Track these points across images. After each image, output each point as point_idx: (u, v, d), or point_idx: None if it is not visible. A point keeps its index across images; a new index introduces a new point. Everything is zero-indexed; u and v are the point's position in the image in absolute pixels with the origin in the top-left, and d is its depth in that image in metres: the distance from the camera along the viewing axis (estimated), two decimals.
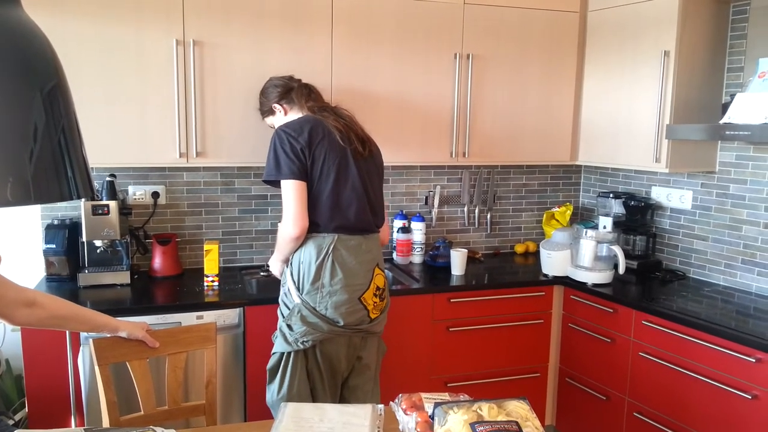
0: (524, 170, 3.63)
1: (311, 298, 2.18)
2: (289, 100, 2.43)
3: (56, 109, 0.97)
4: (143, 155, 2.61)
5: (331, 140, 2.21)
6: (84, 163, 1.04)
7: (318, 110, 2.34)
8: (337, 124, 2.25)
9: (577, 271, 2.96)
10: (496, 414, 1.35)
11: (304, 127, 2.20)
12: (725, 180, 2.91)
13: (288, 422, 1.53)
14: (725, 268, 2.94)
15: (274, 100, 2.45)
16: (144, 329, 1.97)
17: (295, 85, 2.46)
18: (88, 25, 2.47)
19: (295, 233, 2.16)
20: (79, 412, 2.43)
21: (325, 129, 2.22)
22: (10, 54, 0.92)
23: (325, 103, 2.44)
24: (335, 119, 2.28)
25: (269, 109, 2.48)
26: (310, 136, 2.18)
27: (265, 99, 2.50)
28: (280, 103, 2.44)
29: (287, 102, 2.43)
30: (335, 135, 2.22)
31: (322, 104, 2.41)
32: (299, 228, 2.16)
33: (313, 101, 2.41)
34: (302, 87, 2.46)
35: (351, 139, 2.26)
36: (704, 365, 2.38)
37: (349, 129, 2.28)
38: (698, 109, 2.86)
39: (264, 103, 2.52)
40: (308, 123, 2.22)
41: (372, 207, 2.32)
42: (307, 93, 2.43)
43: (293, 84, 2.47)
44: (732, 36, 2.87)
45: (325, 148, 2.19)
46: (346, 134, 2.25)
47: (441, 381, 2.92)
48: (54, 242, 2.70)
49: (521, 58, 3.12)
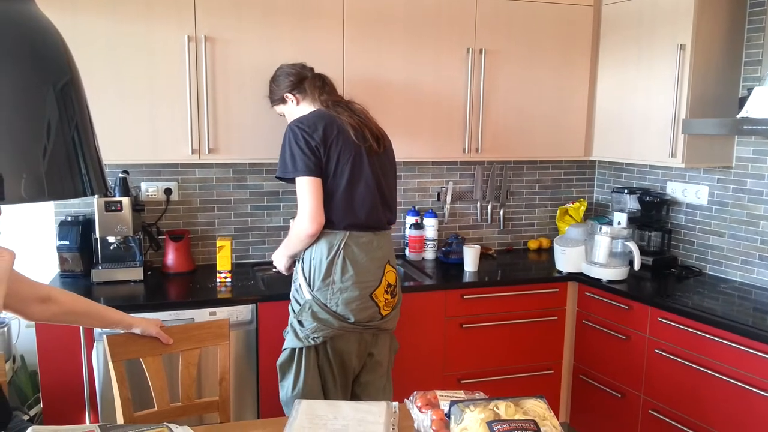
0: (537, 166, 3.60)
1: (322, 294, 2.17)
2: (302, 90, 2.37)
3: (69, 106, 0.97)
4: (155, 152, 2.61)
5: (346, 137, 2.18)
6: (97, 159, 1.03)
7: (332, 105, 2.29)
8: (351, 121, 2.22)
9: (591, 267, 2.93)
10: (514, 413, 1.33)
11: (318, 123, 2.17)
12: (742, 175, 2.87)
13: (302, 419, 1.52)
14: (742, 264, 2.90)
15: (287, 89, 2.39)
16: (157, 326, 1.97)
17: (309, 75, 2.41)
18: (99, 22, 2.47)
19: (311, 230, 2.14)
20: (93, 408, 2.44)
21: (340, 125, 2.19)
22: (24, 49, 0.91)
23: (338, 97, 2.39)
24: (349, 115, 2.24)
25: (281, 97, 2.42)
26: (324, 133, 2.15)
27: (277, 87, 2.44)
28: (293, 92, 2.39)
29: (300, 92, 2.38)
30: (349, 132, 2.19)
31: (336, 98, 2.36)
32: (316, 225, 2.14)
33: (327, 94, 2.35)
34: (316, 78, 2.40)
35: (365, 136, 2.23)
36: (721, 362, 2.35)
37: (363, 125, 2.25)
38: (715, 103, 2.82)
39: (275, 91, 2.45)
40: (322, 119, 2.19)
41: (385, 204, 2.30)
42: (320, 85, 2.37)
43: (306, 73, 2.42)
44: (749, 29, 2.82)
45: (340, 146, 2.16)
46: (360, 131, 2.22)
47: (454, 378, 2.90)
48: (67, 239, 2.71)
49: (534, 53, 3.09)
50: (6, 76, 0.88)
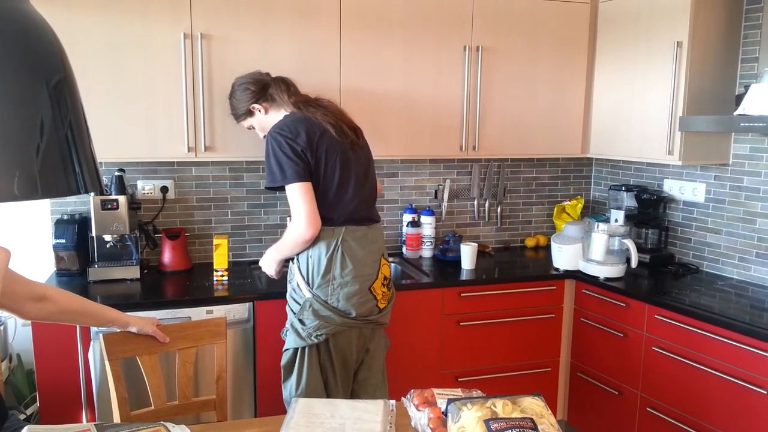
0: (534, 163, 3.60)
1: (322, 291, 2.17)
2: (267, 98, 2.34)
3: (63, 104, 0.96)
4: (152, 150, 2.60)
5: (329, 136, 2.18)
6: (92, 157, 1.02)
7: (303, 106, 2.26)
8: (327, 119, 2.20)
9: (588, 265, 2.93)
10: (511, 411, 1.33)
11: (299, 127, 2.15)
12: (739, 172, 2.87)
13: (299, 418, 1.52)
14: (739, 262, 2.90)
15: (251, 101, 2.34)
16: (154, 324, 1.96)
17: (270, 80, 2.38)
18: (95, 19, 2.46)
19: (308, 235, 2.13)
20: (90, 407, 2.43)
21: (319, 125, 2.18)
22: (16, 47, 0.90)
23: (305, 96, 2.35)
24: (323, 113, 2.22)
25: (246, 111, 2.37)
26: (308, 136, 2.13)
27: (238, 102, 2.39)
28: (259, 102, 2.35)
29: (265, 100, 2.34)
30: (330, 131, 2.19)
31: (305, 98, 2.32)
32: (313, 229, 2.12)
33: (294, 96, 2.31)
34: (278, 82, 2.36)
35: (344, 132, 2.23)
36: (718, 360, 2.35)
37: (339, 121, 2.23)
38: (712, 100, 2.82)
39: (237, 106, 2.39)
40: (302, 123, 2.17)
41: (373, 195, 2.34)
42: (285, 88, 2.33)
43: (267, 79, 2.39)
44: (746, 26, 2.82)
45: (325, 146, 2.16)
46: (338, 127, 2.22)
47: (451, 376, 2.90)
48: (64, 237, 2.70)
49: (531, 50, 3.08)
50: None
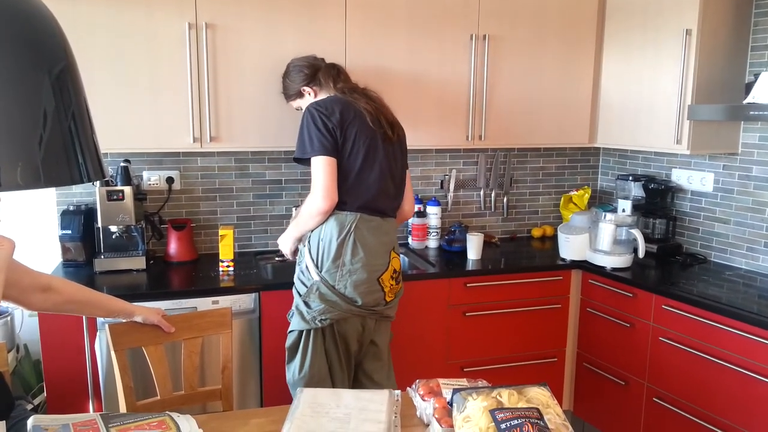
0: (541, 153, 3.58)
1: (331, 276, 2.17)
2: (317, 81, 2.40)
3: (66, 92, 0.95)
4: (157, 140, 2.60)
5: (362, 122, 2.20)
6: (95, 147, 1.02)
7: (348, 92, 2.31)
8: (367, 107, 2.24)
9: (595, 255, 2.91)
10: (516, 401, 1.33)
11: (335, 106, 2.19)
12: (748, 162, 2.84)
13: (304, 408, 1.52)
14: (747, 252, 2.88)
15: (302, 83, 2.41)
16: (160, 314, 1.96)
17: (322, 65, 2.43)
18: (99, 9, 2.45)
19: (325, 206, 2.14)
20: (96, 397, 2.44)
21: (356, 110, 2.22)
22: (19, 36, 0.90)
23: (354, 85, 2.40)
24: (366, 101, 2.27)
25: (297, 92, 2.44)
26: (341, 116, 2.17)
27: (291, 82, 2.45)
28: (309, 85, 2.40)
29: (315, 84, 2.40)
30: (366, 117, 2.22)
31: (352, 85, 2.38)
32: (329, 201, 2.14)
33: (343, 82, 2.38)
34: (330, 67, 2.42)
35: (381, 123, 2.25)
36: (726, 350, 2.34)
37: (378, 112, 2.27)
38: (721, 88, 2.79)
39: (290, 86, 2.46)
40: (339, 103, 2.22)
41: (395, 190, 2.32)
42: (335, 74, 2.40)
43: (320, 64, 2.44)
44: (756, 13, 2.79)
45: (356, 129, 2.18)
46: (376, 117, 2.24)
47: (457, 366, 2.90)
48: (70, 228, 2.71)
49: (538, 39, 3.05)
50: (0, 62, 0.87)
